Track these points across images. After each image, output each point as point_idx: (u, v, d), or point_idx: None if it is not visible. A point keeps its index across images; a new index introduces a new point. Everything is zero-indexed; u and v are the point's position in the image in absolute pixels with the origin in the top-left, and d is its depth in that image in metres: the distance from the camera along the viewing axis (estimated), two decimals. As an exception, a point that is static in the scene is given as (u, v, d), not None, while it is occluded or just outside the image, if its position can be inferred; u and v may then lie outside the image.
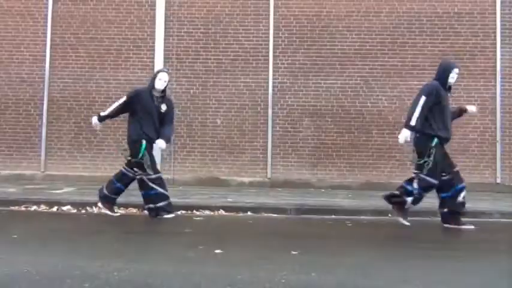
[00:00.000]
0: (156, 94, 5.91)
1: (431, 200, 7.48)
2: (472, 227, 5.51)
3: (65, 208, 6.43)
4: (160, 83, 5.87)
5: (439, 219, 6.22)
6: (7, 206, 6.45)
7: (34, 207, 6.45)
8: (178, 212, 6.33)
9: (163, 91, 5.98)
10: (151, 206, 5.87)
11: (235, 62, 9.39)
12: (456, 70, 5.62)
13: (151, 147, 5.95)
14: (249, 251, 4.18)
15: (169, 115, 6.07)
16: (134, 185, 6.15)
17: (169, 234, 5.14)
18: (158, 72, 6.05)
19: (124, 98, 6.00)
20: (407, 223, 5.52)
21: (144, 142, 5.82)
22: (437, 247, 4.48)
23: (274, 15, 9.39)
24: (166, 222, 5.80)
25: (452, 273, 3.53)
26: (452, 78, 5.60)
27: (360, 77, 9.29)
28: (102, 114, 6.14)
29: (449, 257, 4.02)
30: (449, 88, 5.69)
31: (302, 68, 9.36)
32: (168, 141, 6.09)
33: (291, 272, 3.46)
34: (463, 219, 5.57)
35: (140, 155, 5.81)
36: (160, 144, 5.93)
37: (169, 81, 6.10)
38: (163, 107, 5.96)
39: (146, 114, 5.86)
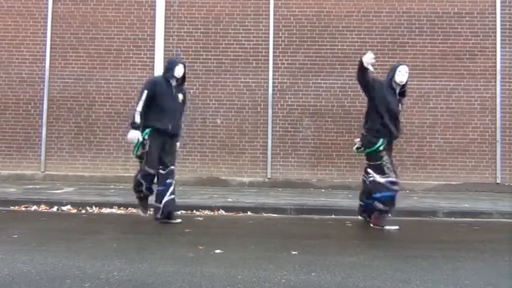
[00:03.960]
0: (172, 82, 5.58)
1: (431, 200, 7.50)
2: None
3: (65, 208, 6.43)
4: (179, 68, 5.53)
5: (439, 219, 6.25)
6: (7, 206, 6.46)
7: (34, 207, 6.46)
8: (179, 212, 6.34)
9: (180, 80, 5.65)
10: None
11: (235, 62, 9.39)
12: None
13: (161, 139, 5.50)
14: (249, 251, 4.18)
15: (184, 104, 5.81)
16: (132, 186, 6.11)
17: (169, 234, 5.14)
18: (176, 63, 5.60)
19: (146, 91, 5.44)
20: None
21: (146, 130, 5.42)
22: (437, 247, 4.48)
23: (274, 15, 9.39)
24: (166, 222, 5.79)
25: (452, 273, 3.53)
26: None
27: (360, 77, 9.28)
28: (137, 120, 5.35)
29: (449, 257, 4.02)
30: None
31: (302, 68, 9.36)
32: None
33: (291, 272, 3.46)
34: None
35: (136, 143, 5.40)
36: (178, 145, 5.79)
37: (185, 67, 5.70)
38: (181, 97, 5.66)
39: (164, 103, 5.45)
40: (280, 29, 9.40)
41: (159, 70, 9.36)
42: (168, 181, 5.55)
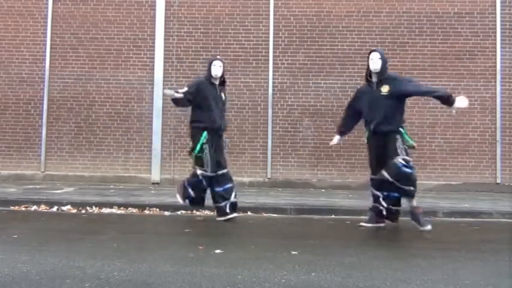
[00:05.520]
0: (215, 82, 5.77)
1: (431, 200, 7.49)
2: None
3: (65, 208, 6.43)
4: (215, 68, 5.71)
5: (439, 219, 6.25)
6: (7, 206, 6.46)
7: (34, 207, 6.45)
8: (179, 212, 6.34)
9: (222, 78, 5.82)
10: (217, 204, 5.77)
11: (235, 62, 9.39)
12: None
13: (217, 138, 5.75)
14: (249, 251, 4.18)
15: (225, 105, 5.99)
16: (132, 186, 6.13)
17: (169, 234, 5.15)
18: (212, 60, 5.84)
19: (185, 89, 5.66)
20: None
21: (205, 132, 5.64)
22: (437, 247, 4.48)
23: (274, 15, 9.39)
24: (166, 222, 5.80)
25: (452, 273, 3.53)
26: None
27: (360, 77, 9.23)
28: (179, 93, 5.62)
29: (449, 257, 4.02)
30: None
31: (302, 68, 9.36)
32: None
33: (291, 272, 3.46)
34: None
35: (199, 147, 5.63)
36: None
37: (224, 67, 5.84)
38: (223, 96, 5.83)
39: (209, 102, 5.66)
40: (280, 29, 9.40)
41: (159, 70, 9.38)
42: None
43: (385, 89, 5.31)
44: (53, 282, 3.12)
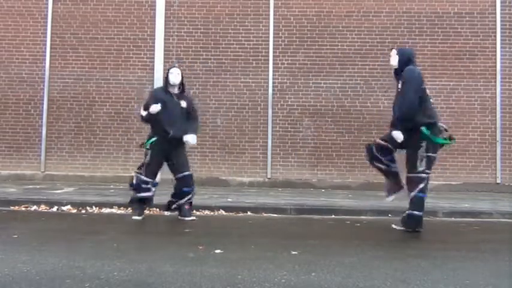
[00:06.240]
0: (172, 90, 5.80)
1: (431, 200, 7.49)
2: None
3: (65, 208, 6.43)
4: (173, 76, 5.76)
5: (439, 219, 6.26)
6: (7, 206, 6.46)
7: (34, 207, 6.46)
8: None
9: (180, 87, 5.87)
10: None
11: (235, 62, 9.39)
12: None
13: (169, 145, 5.80)
14: (249, 251, 4.18)
15: (192, 111, 5.96)
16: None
17: (169, 234, 5.15)
18: (169, 68, 5.93)
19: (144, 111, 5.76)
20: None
21: (154, 138, 5.77)
22: (437, 247, 4.48)
23: (274, 15, 9.39)
24: (166, 222, 5.80)
25: (452, 273, 3.53)
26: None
27: (360, 77, 9.29)
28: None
29: (449, 257, 4.03)
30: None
31: (302, 68, 9.36)
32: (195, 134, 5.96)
33: (291, 272, 3.46)
34: None
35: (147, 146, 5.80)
36: (190, 139, 5.85)
37: (182, 75, 5.89)
38: (183, 104, 5.82)
39: (165, 111, 5.69)
40: (280, 29, 9.40)
41: (159, 70, 9.38)
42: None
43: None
44: (53, 282, 3.12)
